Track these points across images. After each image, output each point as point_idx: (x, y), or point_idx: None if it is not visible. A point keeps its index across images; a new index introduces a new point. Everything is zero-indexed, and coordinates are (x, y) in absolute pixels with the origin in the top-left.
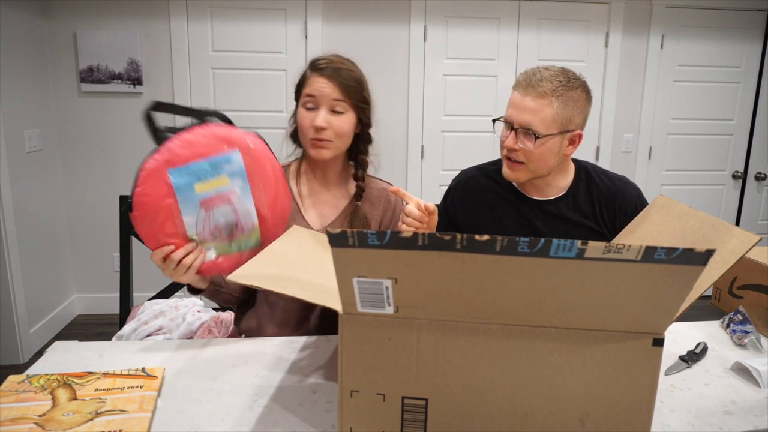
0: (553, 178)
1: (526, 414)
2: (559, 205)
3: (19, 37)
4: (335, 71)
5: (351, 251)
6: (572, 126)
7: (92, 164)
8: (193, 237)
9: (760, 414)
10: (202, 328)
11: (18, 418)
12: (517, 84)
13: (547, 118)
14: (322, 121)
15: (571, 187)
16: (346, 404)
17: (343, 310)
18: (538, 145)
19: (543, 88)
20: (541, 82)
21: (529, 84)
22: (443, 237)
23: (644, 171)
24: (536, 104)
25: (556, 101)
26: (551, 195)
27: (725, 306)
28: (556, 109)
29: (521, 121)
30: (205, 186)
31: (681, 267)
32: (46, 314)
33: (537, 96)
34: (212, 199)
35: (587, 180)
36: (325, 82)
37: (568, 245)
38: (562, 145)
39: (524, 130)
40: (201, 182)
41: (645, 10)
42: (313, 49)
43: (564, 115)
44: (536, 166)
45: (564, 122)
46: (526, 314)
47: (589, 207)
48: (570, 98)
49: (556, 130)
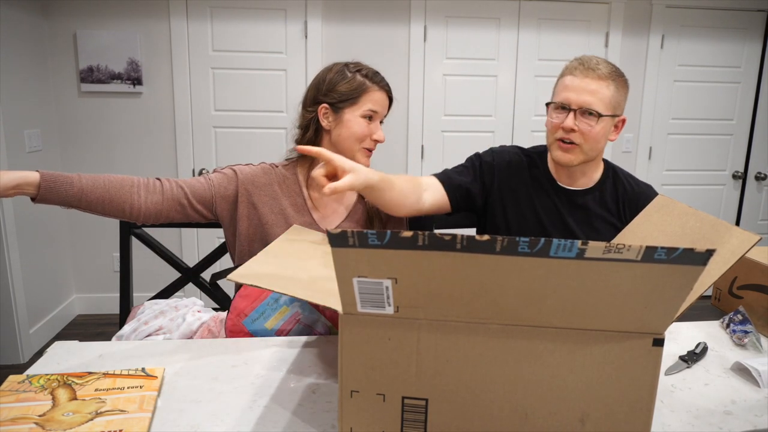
0: (589, 167)
1: (526, 414)
2: (586, 197)
3: (19, 37)
4: (388, 86)
5: (351, 251)
6: (620, 111)
7: (92, 164)
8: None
9: (760, 414)
10: (202, 328)
11: (18, 418)
12: (571, 69)
13: (605, 98)
14: (383, 135)
15: (599, 181)
16: (346, 404)
17: (343, 310)
18: (596, 124)
19: (601, 71)
20: (598, 65)
21: (588, 67)
22: (443, 237)
23: (644, 171)
24: (596, 85)
25: (612, 84)
26: (581, 186)
27: (725, 306)
28: (612, 91)
29: (581, 102)
30: (273, 321)
31: (681, 267)
32: (46, 314)
33: (597, 78)
34: (283, 328)
35: (614, 178)
36: (385, 99)
37: (568, 245)
38: (610, 129)
39: (584, 111)
40: (268, 320)
41: (645, 10)
42: (313, 49)
43: (618, 98)
44: (590, 147)
45: (617, 105)
46: (526, 314)
47: (614, 204)
48: (621, 84)
49: (612, 112)
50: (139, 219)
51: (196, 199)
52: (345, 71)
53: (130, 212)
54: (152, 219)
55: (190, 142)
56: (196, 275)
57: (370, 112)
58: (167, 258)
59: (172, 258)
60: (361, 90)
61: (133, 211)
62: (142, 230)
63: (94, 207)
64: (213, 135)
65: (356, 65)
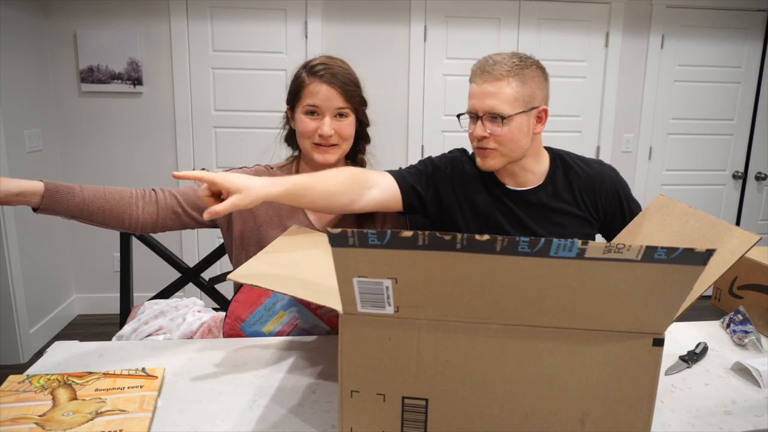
0: (528, 163)
1: (526, 414)
2: (539, 193)
3: (19, 37)
4: (333, 76)
5: (351, 251)
6: (536, 102)
7: (92, 164)
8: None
9: (760, 414)
10: (202, 328)
11: (18, 418)
12: (472, 75)
13: (508, 98)
14: (329, 129)
15: (548, 174)
16: (346, 404)
17: (344, 310)
18: (505, 126)
19: (498, 71)
20: (494, 66)
21: (484, 70)
22: (443, 237)
23: (644, 171)
24: (495, 87)
25: (513, 80)
26: (530, 184)
27: (725, 306)
28: (515, 88)
29: (484, 108)
30: (270, 326)
31: (681, 267)
32: (46, 314)
33: (494, 80)
34: (282, 330)
35: (564, 166)
36: (327, 89)
37: (568, 245)
38: (530, 124)
39: (490, 115)
40: (266, 325)
41: (645, 10)
42: (313, 49)
43: (524, 92)
44: (508, 149)
45: (527, 99)
46: (526, 314)
47: (569, 193)
48: (526, 76)
49: (521, 109)
50: (137, 229)
51: (190, 206)
52: (297, 69)
53: (128, 223)
54: (149, 229)
55: (190, 142)
56: (196, 275)
57: (308, 107)
58: (167, 258)
59: (172, 258)
60: (299, 86)
61: (132, 221)
62: None
63: (95, 217)
64: (213, 135)
65: (311, 61)
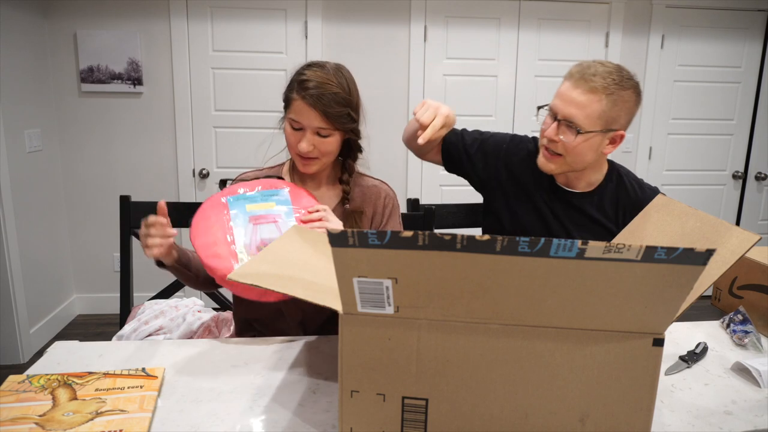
0: (583, 174)
1: (526, 414)
2: (583, 200)
3: (19, 37)
4: (319, 98)
5: (351, 251)
6: (616, 126)
7: (92, 164)
8: (242, 248)
9: (760, 414)
10: (202, 328)
11: (18, 418)
12: (569, 75)
13: (593, 114)
14: (307, 147)
15: (599, 185)
16: (346, 404)
17: (344, 310)
18: (579, 141)
19: (595, 83)
20: (594, 76)
21: (582, 77)
22: (443, 237)
23: (644, 171)
24: (585, 99)
25: (605, 98)
26: (579, 188)
27: (725, 306)
28: (604, 106)
29: (565, 114)
30: (255, 207)
31: (681, 267)
32: (46, 314)
33: (587, 90)
34: (260, 217)
35: (617, 182)
36: (308, 110)
37: (569, 245)
38: (602, 144)
39: (567, 123)
40: (252, 204)
41: (645, 10)
42: (313, 49)
43: (611, 114)
44: (573, 160)
45: (609, 121)
46: (526, 314)
47: (613, 209)
48: (620, 98)
49: (600, 128)
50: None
51: None
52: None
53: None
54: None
55: (191, 142)
56: None
57: (292, 121)
58: None
59: None
60: (289, 97)
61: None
62: None
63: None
64: (213, 135)
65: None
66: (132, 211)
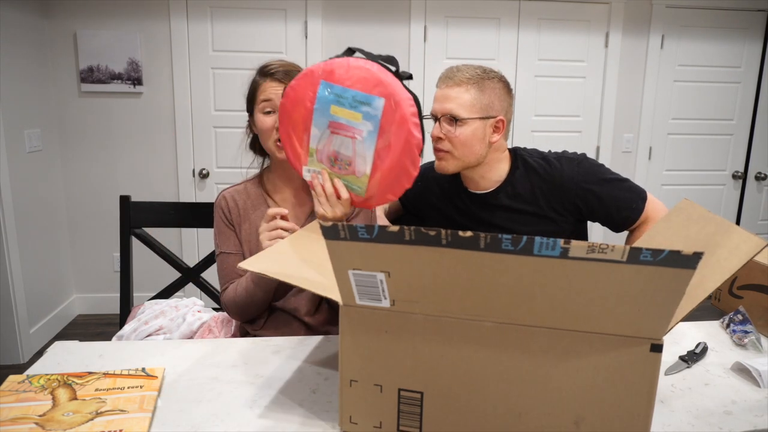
0: (486, 170)
1: (519, 413)
2: (498, 195)
3: (19, 37)
4: (286, 74)
5: (344, 244)
6: (493, 112)
7: (92, 164)
8: (312, 151)
9: (760, 414)
10: (202, 328)
11: (18, 418)
12: (438, 80)
13: (465, 103)
14: None
15: (508, 176)
16: (346, 393)
17: (343, 302)
18: (459, 128)
19: (459, 77)
20: (458, 72)
21: (448, 76)
22: (428, 232)
23: (644, 171)
24: (454, 92)
25: (472, 88)
26: (490, 187)
27: (725, 306)
28: (473, 94)
29: (442, 110)
30: (340, 112)
31: (669, 270)
32: (46, 314)
33: (454, 84)
34: (340, 126)
35: (524, 167)
36: (278, 85)
37: (551, 243)
38: (486, 132)
39: (446, 118)
40: (338, 106)
41: (645, 10)
42: (313, 49)
43: (482, 100)
44: (462, 153)
45: (484, 107)
46: (517, 312)
47: (529, 193)
48: (486, 86)
49: (477, 115)
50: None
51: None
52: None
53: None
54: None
55: (191, 142)
56: (196, 275)
57: (264, 103)
58: (167, 258)
59: (172, 258)
60: (254, 88)
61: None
62: (142, 230)
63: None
64: (213, 135)
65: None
66: (132, 211)
